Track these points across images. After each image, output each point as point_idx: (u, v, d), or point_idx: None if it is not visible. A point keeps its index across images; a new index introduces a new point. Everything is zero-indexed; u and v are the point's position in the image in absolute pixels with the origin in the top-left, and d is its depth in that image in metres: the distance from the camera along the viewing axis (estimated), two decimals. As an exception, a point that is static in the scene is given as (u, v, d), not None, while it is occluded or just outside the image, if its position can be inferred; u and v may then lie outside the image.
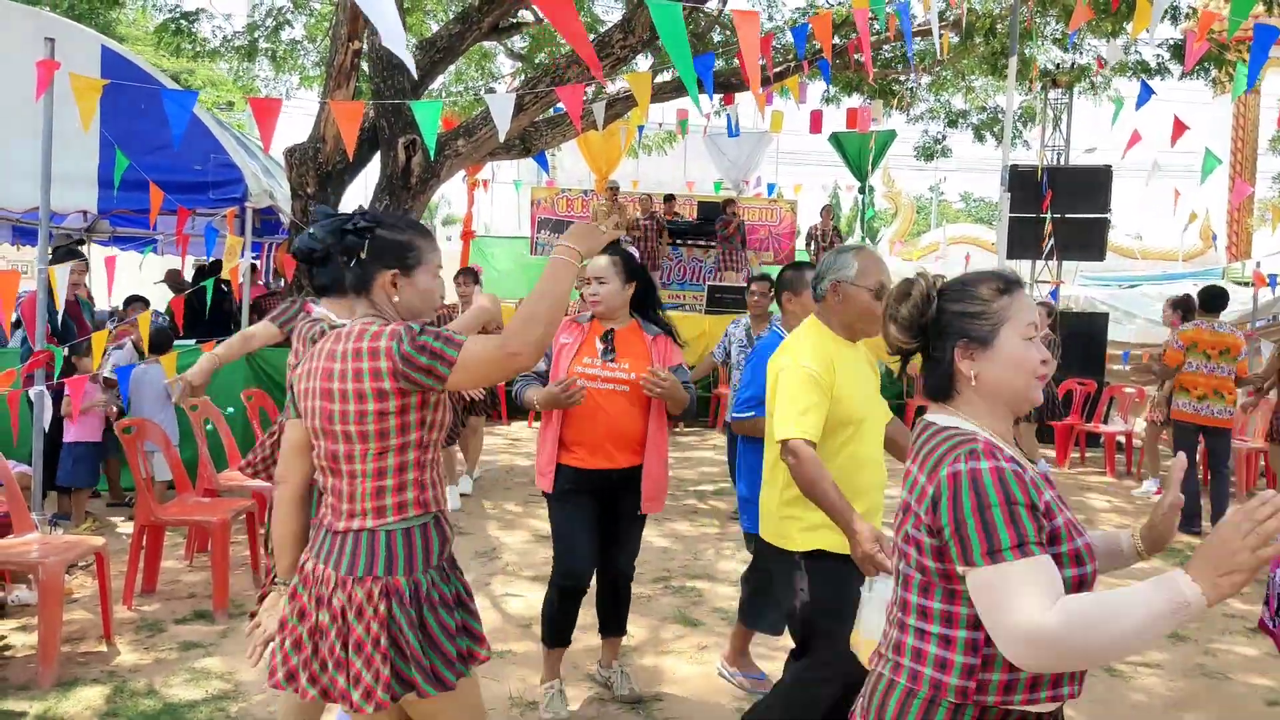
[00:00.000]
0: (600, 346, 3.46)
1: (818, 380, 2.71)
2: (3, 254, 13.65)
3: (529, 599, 4.95)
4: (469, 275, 6.80)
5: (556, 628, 3.63)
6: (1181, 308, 7.83)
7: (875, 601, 2.41)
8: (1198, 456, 7.28)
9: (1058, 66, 11.85)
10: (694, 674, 4.06)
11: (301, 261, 2.23)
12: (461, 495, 7.04)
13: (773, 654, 4.27)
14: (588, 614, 4.81)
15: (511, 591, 5.11)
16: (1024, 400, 1.68)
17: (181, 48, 10.01)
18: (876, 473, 2.89)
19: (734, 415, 3.67)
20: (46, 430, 5.17)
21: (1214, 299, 7.18)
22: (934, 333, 1.71)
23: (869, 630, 2.42)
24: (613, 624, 3.81)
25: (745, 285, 12.76)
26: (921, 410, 2.07)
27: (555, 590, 3.59)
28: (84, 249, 8.32)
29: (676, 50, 3.63)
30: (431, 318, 2.20)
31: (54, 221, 8.98)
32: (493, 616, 4.65)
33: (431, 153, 5.53)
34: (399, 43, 3.42)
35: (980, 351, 1.67)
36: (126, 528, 5.92)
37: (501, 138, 5.15)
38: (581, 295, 3.71)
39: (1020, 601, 1.45)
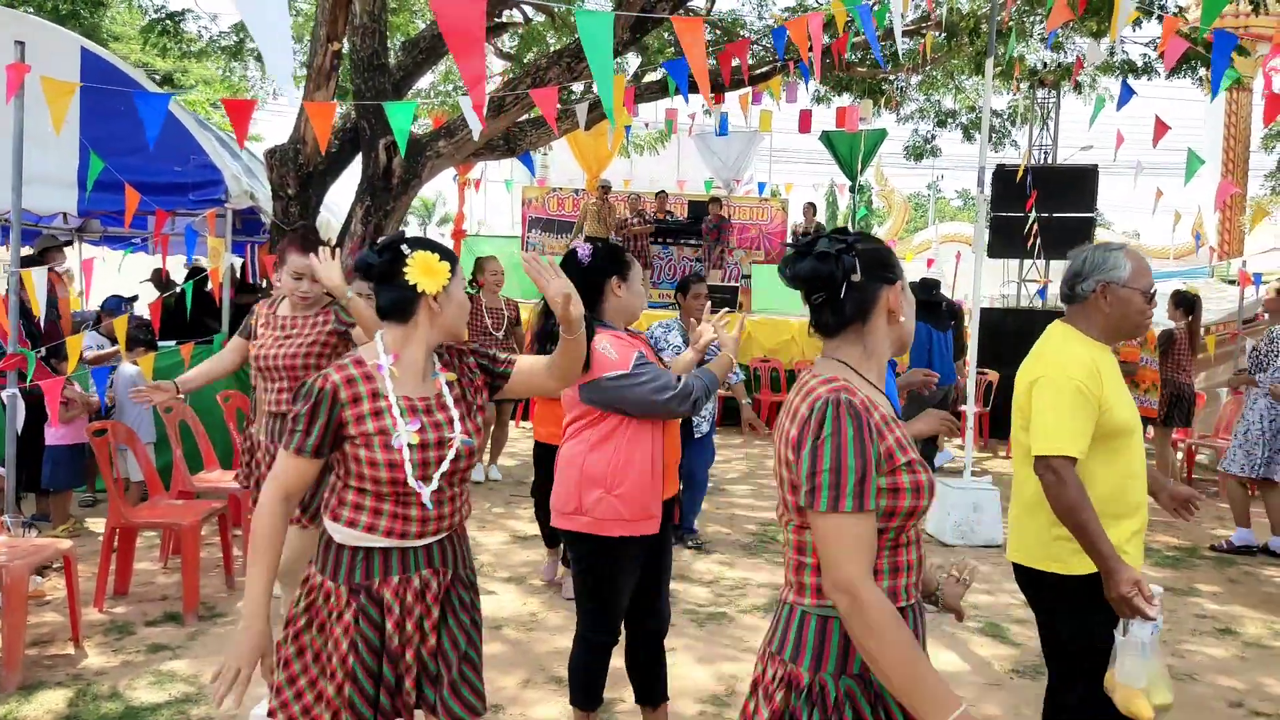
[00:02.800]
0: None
1: (1084, 392, 2.46)
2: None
3: (501, 598, 4.96)
4: None
5: (596, 688, 3.17)
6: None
7: (1131, 645, 2.34)
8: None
9: (1044, 65, 11.84)
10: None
11: (807, 289, 1.80)
12: None
13: (741, 655, 4.28)
14: (561, 613, 4.79)
15: (485, 589, 5.12)
16: None
17: (167, 48, 10.00)
18: (1144, 488, 2.63)
19: None
20: (20, 432, 5.17)
21: None
22: None
23: (1126, 675, 2.34)
24: (659, 687, 3.24)
25: (734, 285, 12.91)
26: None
27: (593, 650, 3.11)
28: (66, 249, 8.29)
29: (598, 63, 3.58)
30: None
31: (44, 223, 8.99)
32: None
33: (403, 152, 5.52)
34: (284, 71, 3.40)
35: None
36: (101, 528, 5.94)
37: (475, 138, 5.14)
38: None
39: None
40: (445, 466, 2.21)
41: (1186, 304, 7.69)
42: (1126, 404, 2.57)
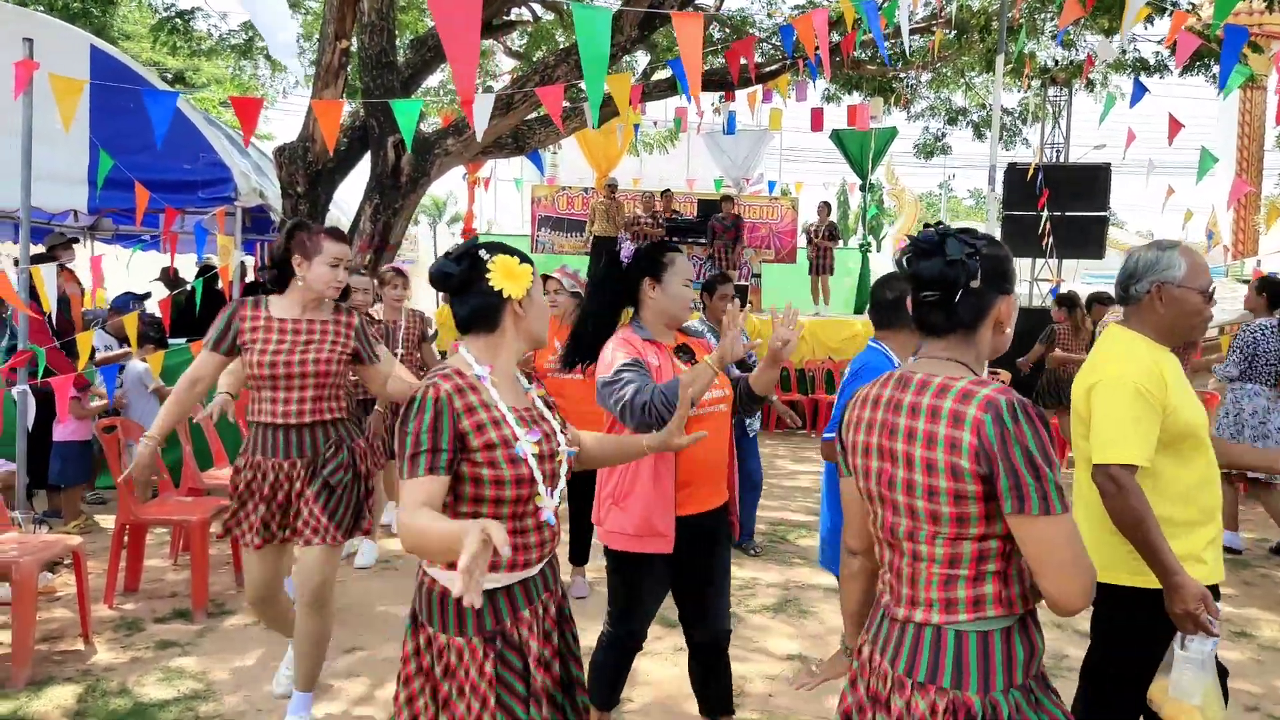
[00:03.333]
0: (684, 366, 2.98)
1: (1145, 395, 2.35)
2: (6, 251, 13.81)
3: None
4: (401, 277, 5.71)
5: (615, 687, 3.17)
6: (1066, 304, 8.67)
7: (1189, 661, 2.26)
8: None
9: (1056, 63, 11.79)
10: (667, 676, 4.04)
11: (927, 292, 1.74)
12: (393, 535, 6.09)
13: (750, 656, 4.26)
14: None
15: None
16: None
17: (177, 46, 10.03)
18: (1219, 492, 2.51)
19: (827, 435, 3.10)
20: (31, 429, 5.20)
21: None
22: None
23: (1180, 690, 2.26)
24: (718, 699, 3.19)
25: (745, 284, 12.86)
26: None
27: (615, 649, 3.08)
28: (76, 246, 8.30)
29: (591, 59, 3.54)
30: None
31: (55, 221, 9.03)
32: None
33: (408, 148, 5.50)
34: (288, 52, 3.38)
35: None
36: (111, 524, 5.96)
37: (479, 138, 5.13)
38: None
39: None
40: (562, 482, 2.10)
41: None
42: (1193, 406, 2.45)
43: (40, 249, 7.30)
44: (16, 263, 5.12)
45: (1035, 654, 1.67)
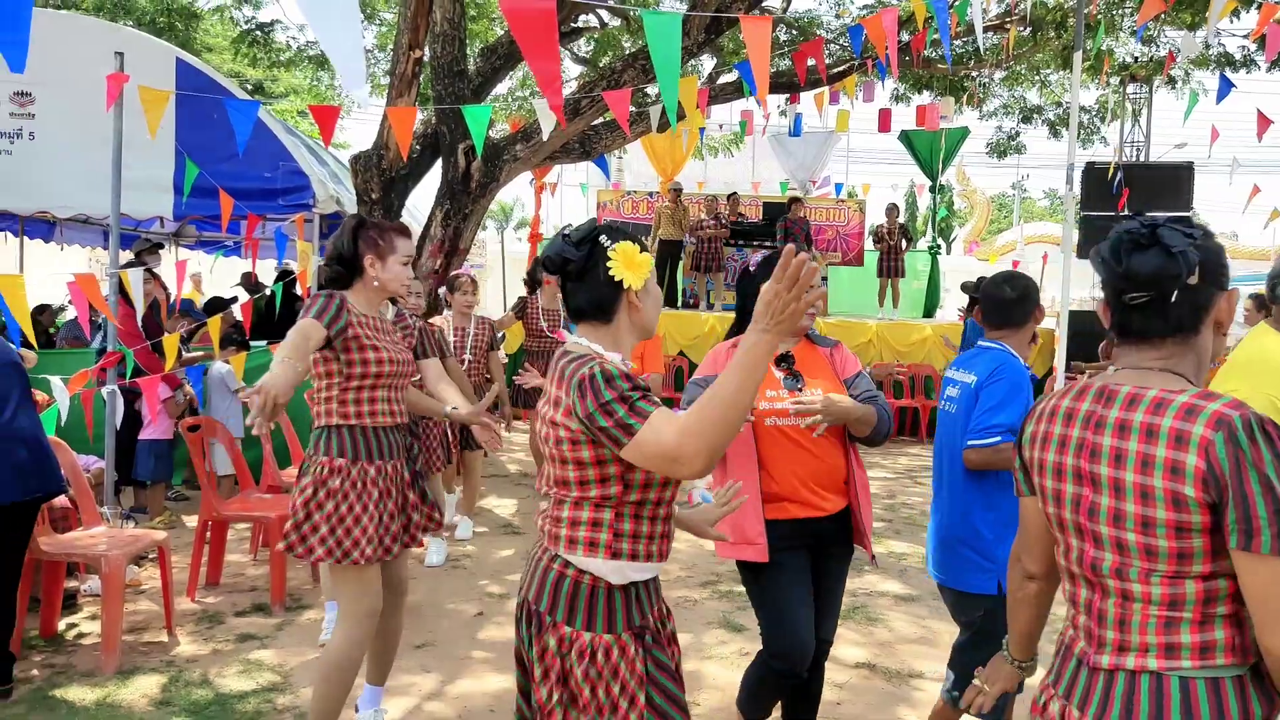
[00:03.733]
0: (780, 374, 2.92)
1: None
2: (97, 257, 14.39)
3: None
4: (473, 283, 5.90)
5: (757, 700, 3.14)
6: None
7: None
8: None
9: (1135, 60, 11.44)
10: (733, 681, 4.01)
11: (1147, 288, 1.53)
12: (458, 540, 6.10)
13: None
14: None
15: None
16: None
17: (257, 58, 10.35)
18: None
19: (974, 442, 2.90)
20: (119, 428, 5.40)
21: None
22: None
23: None
24: (805, 706, 3.16)
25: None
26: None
27: (772, 674, 3.00)
28: (161, 252, 8.63)
29: (663, 63, 3.55)
30: None
31: (144, 227, 9.39)
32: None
33: (478, 155, 5.59)
34: (358, 81, 3.44)
35: None
36: (194, 521, 6.16)
37: (545, 137, 5.19)
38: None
39: None
40: None
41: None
42: None
43: (128, 255, 7.60)
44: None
45: (1275, 709, 1.44)
